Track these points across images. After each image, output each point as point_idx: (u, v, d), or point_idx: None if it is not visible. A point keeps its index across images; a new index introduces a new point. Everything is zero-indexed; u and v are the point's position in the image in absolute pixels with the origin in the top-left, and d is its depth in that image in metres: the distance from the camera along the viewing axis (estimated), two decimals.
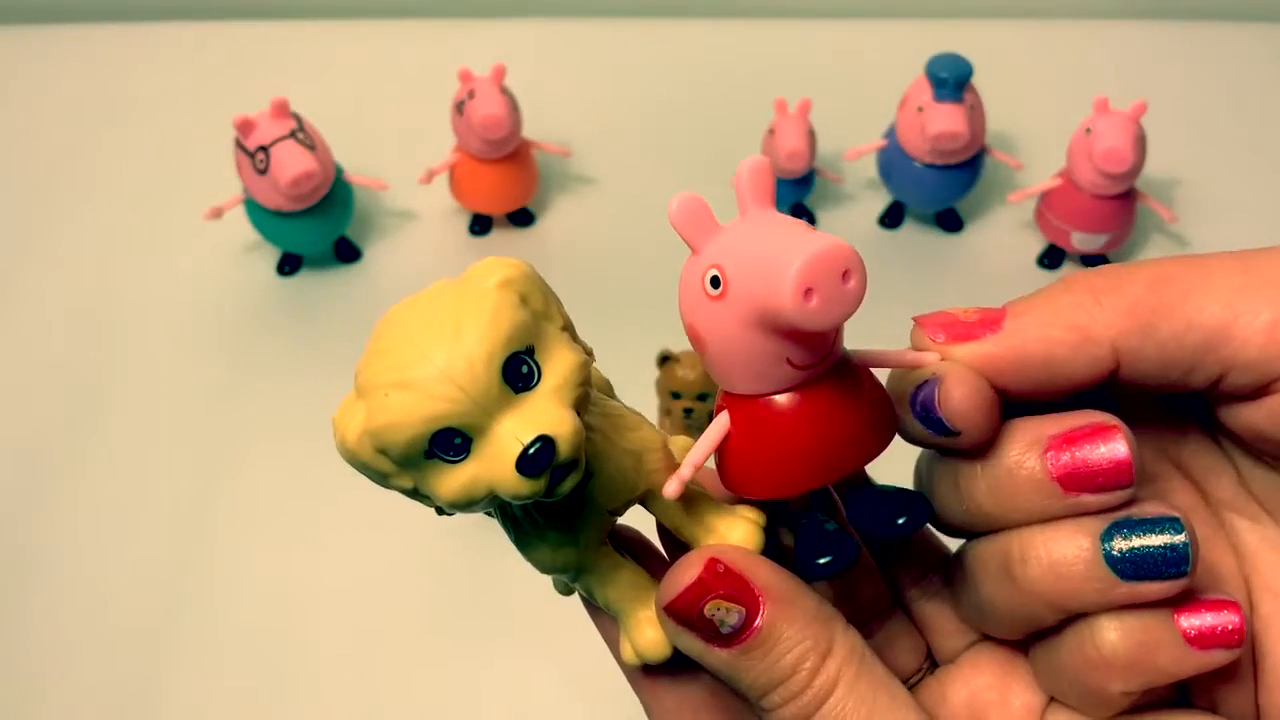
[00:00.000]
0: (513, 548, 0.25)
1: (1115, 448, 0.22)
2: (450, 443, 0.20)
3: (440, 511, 0.23)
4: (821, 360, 0.22)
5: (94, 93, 0.77)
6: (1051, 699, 0.25)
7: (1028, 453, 0.22)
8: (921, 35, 0.76)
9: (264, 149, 0.59)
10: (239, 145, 0.60)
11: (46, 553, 0.54)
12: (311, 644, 0.51)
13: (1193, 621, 0.22)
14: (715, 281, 0.21)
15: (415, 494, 0.22)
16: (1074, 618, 0.23)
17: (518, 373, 0.21)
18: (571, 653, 0.49)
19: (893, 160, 0.65)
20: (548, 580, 0.26)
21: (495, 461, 0.20)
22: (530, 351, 0.21)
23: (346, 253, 0.66)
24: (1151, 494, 0.24)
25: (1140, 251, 0.66)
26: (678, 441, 0.26)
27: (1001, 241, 0.67)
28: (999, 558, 0.23)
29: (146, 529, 0.55)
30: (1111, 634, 0.22)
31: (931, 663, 0.27)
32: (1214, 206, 0.68)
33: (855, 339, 0.22)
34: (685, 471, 0.23)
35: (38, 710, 0.49)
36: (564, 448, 0.20)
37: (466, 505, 0.21)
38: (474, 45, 0.76)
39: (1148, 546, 0.22)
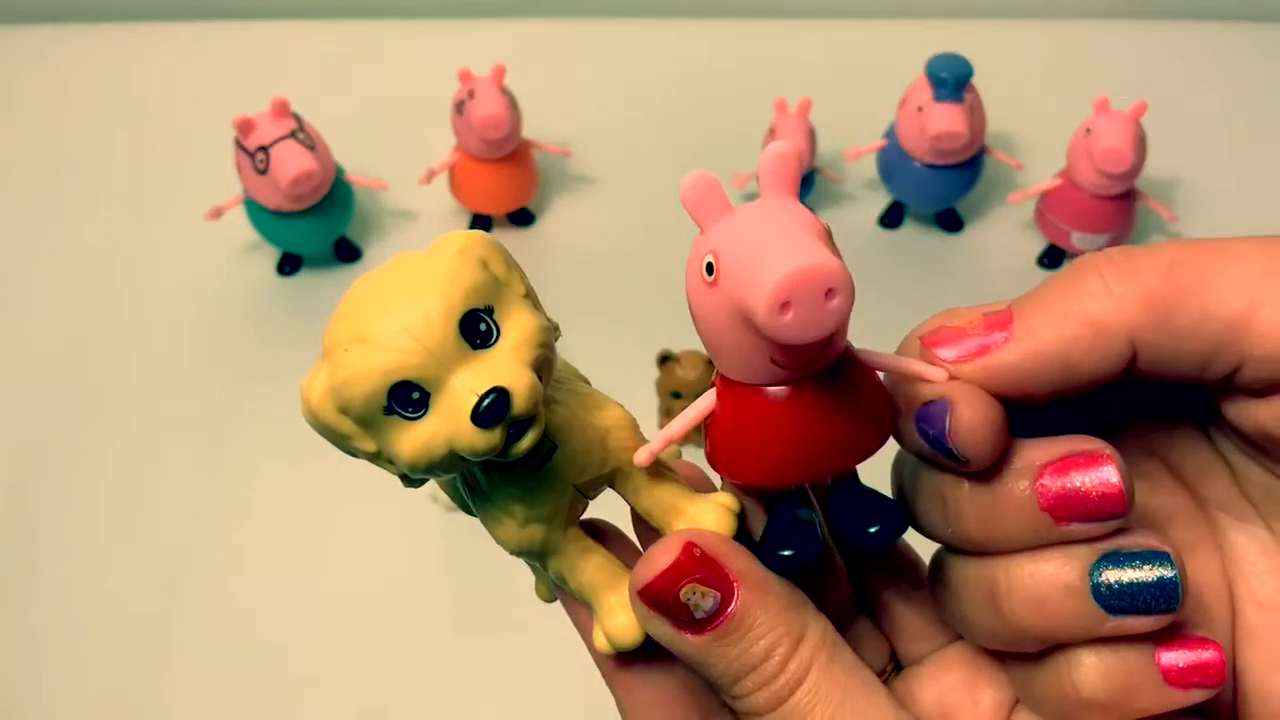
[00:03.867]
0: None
1: (1106, 475, 0.21)
2: (409, 397, 0.21)
3: (407, 481, 0.23)
4: (809, 363, 0.21)
5: (94, 93, 0.77)
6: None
7: (1017, 481, 0.22)
8: (921, 35, 0.76)
9: (264, 149, 0.59)
10: (239, 145, 0.60)
11: (45, 553, 0.54)
12: (312, 642, 0.51)
13: (1172, 658, 0.22)
14: (710, 268, 0.20)
15: (378, 458, 0.22)
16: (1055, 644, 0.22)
17: (476, 330, 0.21)
18: (573, 647, 0.49)
19: (893, 160, 0.65)
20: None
21: (451, 414, 0.21)
22: (490, 311, 0.21)
23: (346, 253, 0.66)
24: (1141, 488, 0.23)
25: None
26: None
27: (1001, 241, 0.67)
28: (983, 585, 0.23)
29: (146, 528, 0.55)
30: (1091, 673, 0.22)
31: (895, 666, 0.27)
32: (1214, 206, 0.68)
33: (851, 340, 0.22)
34: (656, 443, 0.23)
35: (37, 711, 0.49)
36: (519, 400, 0.20)
37: (428, 466, 0.21)
38: (474, 45, 0.76)
39: (1137, 580, 0.21)
